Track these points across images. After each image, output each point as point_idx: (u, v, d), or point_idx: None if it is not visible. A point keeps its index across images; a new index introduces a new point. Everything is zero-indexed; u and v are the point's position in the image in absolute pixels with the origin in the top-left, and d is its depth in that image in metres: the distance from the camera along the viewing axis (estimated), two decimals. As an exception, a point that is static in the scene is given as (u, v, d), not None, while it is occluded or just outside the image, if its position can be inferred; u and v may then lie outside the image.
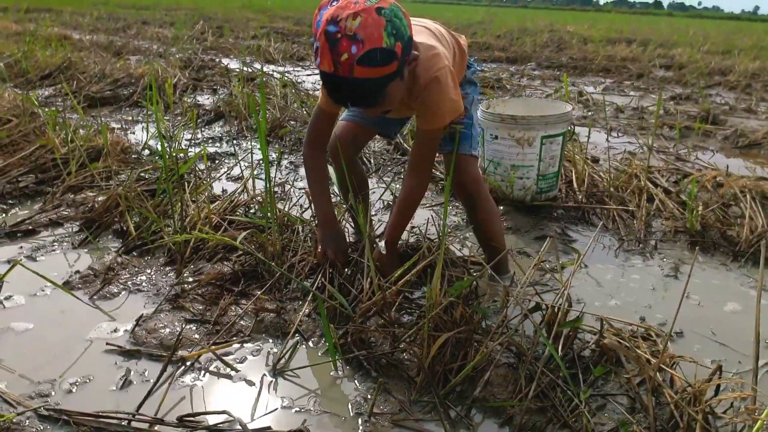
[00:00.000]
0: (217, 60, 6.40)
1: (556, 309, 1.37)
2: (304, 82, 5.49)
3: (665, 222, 2.32)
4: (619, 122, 4.42)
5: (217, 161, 2.92)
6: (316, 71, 5.64)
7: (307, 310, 1.54)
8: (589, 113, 4.63)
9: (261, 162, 2.91)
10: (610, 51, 9.33)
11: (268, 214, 1.81)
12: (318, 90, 5.08)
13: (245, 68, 5.14)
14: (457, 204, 2.45)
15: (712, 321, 1.68)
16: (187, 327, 1.47)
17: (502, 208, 2.38)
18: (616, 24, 20.06)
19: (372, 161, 2.97)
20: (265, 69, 5.97)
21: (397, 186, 2.65)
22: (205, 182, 2.36)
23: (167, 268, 1.78)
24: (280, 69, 6.21)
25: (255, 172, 2.47)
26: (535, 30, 13.27)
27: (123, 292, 1.65)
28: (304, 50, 7.84)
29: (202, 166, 2.76)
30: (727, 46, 11.75)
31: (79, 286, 1.67)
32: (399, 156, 3.07)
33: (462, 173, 1.73)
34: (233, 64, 6.25)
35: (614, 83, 6.66)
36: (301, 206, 2.33)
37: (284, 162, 2.97)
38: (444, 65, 1.47)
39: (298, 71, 6.32)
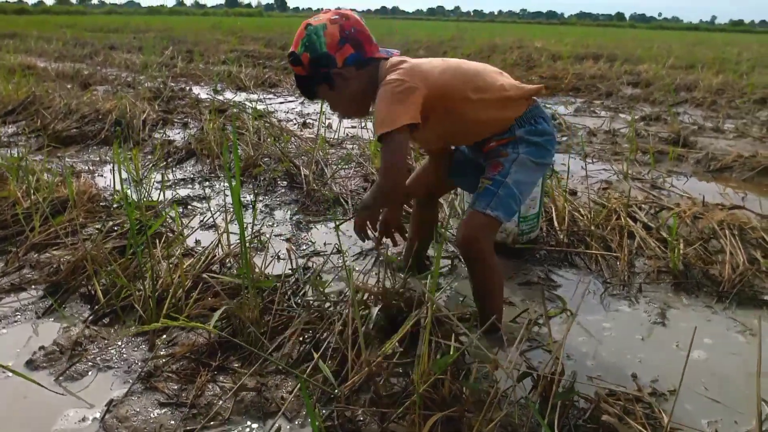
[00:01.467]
0: (188, 89, 6.30)
1: (548, 378, 1.33)
2: (276, 111, 5.42)
3: (648, 261, 2.30)
4: (593, 147, 4.45)
5: (189, 207, 2.83)
6: (289, 99, 5.60)
7: (289, 387, 1.46)
8: (564, 138, 4.66)
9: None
10: (578, 69, 9.48)
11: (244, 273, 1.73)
12: (291, 120, 5.03)
13: (217, 97, 5.05)
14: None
15: (702, 373, 1.65)
16: (162, 412, 1.38)
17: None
18: (582, 38, 20.49)
19: (349, 202, 2.91)
20: (236, 98, 5.89)
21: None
22: (178, 237, 2.27)
23: (138, 339, 1.68)
24: (253, 97, 6.14)
25: (229, 218, 2.39)
26: (504, 47, 13.44)
27: (91, 371, 1.55)
28: (276, 75, 7.78)
29: (174, 213, 2.67)
30: (690, 59, 12.08)
31: (44, 364, 1.56)
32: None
33: (462, 228, 1.68)
34: (204, 94, 6.16)
35: (585, 103, 6.75)
36: (278, 257, 2.27)
37: (259, 205, 2.89)
38: (394, 79, 1.59)
39: (270, 99, 6.25)
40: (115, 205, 2.61)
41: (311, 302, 1.77)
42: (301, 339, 1.64)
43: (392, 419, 1.30)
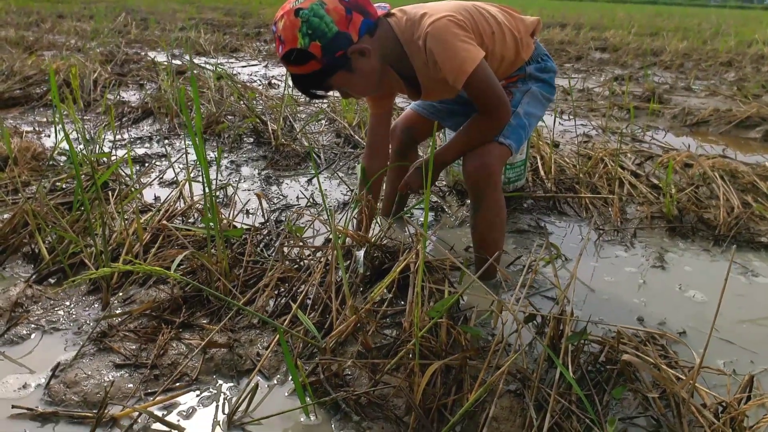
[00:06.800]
0: (143, 53, 5.93)
1: (558, 320, 1.19)
2: (239, 74, 5.14)
3: (639, 207, 2.20)
4: (569, 104, 4.35)
5: (146, 164, 2.59)
6: (252, 62, 5.25)
7: (265, 342, 1.29)
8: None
9: (197, 163, 2.60)
10: (546, 35, 9.38)
11: (210, 224, 1.54)
12: (255, 81, 4.76)
13: (174, 60, 4.74)
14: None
15: (708, 314, 1.55)
16: (118, 374, 1.19)
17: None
18: (545, 8, 20.40)
19: (322, 156, 2.72)
20: (196, 61, 5.56)
21: (349, 178, 2.42)
22: (132, 190, 2.04)
23: (90, 298, 1.48)
24: (213, 61, 5.82)
25: (192, 175, 2.17)
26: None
27: (35, 333, 1.34)
28: (237, 41, 7.42)
29: (129, 171, 2.43)
30: (654, 28, 12.13)
31: (-22, 329, 1.35)
32: (351, 149, 2.83)
33: (477, 157, 1.51)
34: (161, 57, 5.80)
35: (556, 65, 6.65)
36: (247, 212, 2.08)
37: (224, 161, 2.67)
38: (433, 20, 1.39)
39: (232, 63, 5.94)
40: (62, 159, 2.36)
41: (287, 252, 1.59)
42: (276, 292, 1.47)
43: (386, 371, 1.15)
